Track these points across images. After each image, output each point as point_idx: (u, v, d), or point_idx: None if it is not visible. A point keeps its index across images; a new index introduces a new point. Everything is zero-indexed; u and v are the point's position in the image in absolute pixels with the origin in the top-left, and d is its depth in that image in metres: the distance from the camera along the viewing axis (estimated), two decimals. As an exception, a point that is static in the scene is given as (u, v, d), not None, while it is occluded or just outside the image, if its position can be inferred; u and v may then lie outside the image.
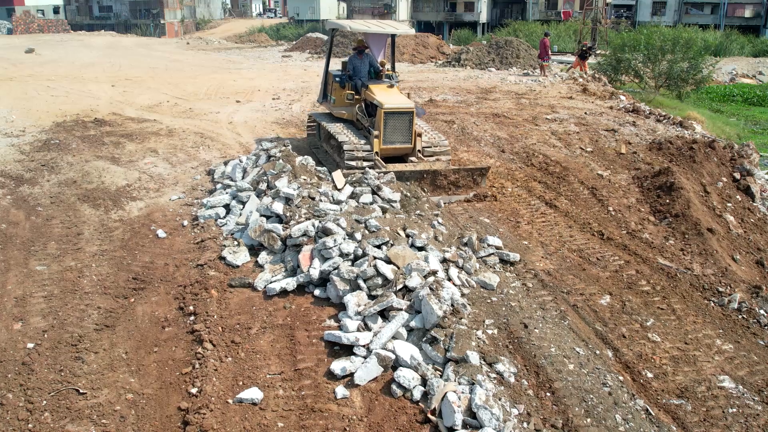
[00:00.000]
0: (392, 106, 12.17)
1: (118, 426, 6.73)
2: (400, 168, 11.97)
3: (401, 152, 12.68)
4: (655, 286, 9.78)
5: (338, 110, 13.54)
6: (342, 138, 12.41)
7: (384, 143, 12.36)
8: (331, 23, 14.71)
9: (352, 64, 13.51)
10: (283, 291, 8.78)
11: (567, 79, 27.76)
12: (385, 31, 13.34)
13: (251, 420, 6.72)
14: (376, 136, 12.25)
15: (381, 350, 7.31)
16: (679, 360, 8.11)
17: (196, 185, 12.76)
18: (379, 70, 13.70)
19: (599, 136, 16.64)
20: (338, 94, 13.63)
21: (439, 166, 12.40)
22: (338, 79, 13.63)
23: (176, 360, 7.76)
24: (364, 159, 12.16)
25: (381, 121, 12.17)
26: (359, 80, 13.25)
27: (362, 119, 12.86)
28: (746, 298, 9.76)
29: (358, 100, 13.16)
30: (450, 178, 12.17)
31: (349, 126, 13.18)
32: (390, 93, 12.69)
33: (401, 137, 12.44)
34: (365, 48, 13.63)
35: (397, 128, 12.32)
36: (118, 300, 8.91)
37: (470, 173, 12.41)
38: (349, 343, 7.53)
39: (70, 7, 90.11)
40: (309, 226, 9.37)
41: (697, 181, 13.34)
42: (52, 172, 13.11)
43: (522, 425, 6.58)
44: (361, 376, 7.13)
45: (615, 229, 11.59)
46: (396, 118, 12.23)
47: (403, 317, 7.75)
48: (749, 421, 7.18)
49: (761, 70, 44.62)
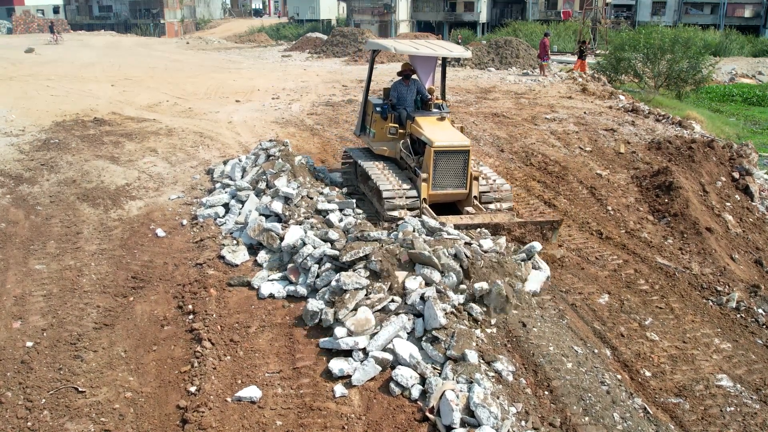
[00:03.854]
0: (444, 145, 10.32)
1: (116, 424, 6.74)
2: (454, 221, 9.83)
3: (453, 198, 10.84)
4: (654, 285, 9.81)
5: (378, 146, 11.59)
6: (381, 182, 10.62)
7: (433, 188, 10.46)
8: (372, 44, 12.50)
9: (396, 92, 11.68)
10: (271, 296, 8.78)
11: (566, 79, 27.79)
12: (437, 54, 11.46)
13: (250, 418, 6.73)
14: (424, 179, 10.36)
15: (378, 353, 7.30)
16: (677, 359, 8.14)
17: (196, 184, 12.77)
18: (428, 99, 11.80)
19: (598, 135, 16.67)
20: (379, 127, 11.71)
21: (502, 218, 10.18)
22: (379, 109, 11.71)
23: (175, 358, 7.77)
24: (409, 207, 10.36)
25: (430, 162, 10.32)
26: (404, 110, 11.46)
27: (407, 158, 11.05)
28: (744, 297, 9.79)
29: (402, 135, 11.36)
30: (514, 233, 10.07)
31: (392, 165, 11.32)
32: (441, 128, 10.83)
33: (454, 181, 10.55)
34: (412, 72, 11.77)
35: (449, 171, 10.46)
36: (117, 299, 8.92)
37: (539, 227, 10.29)
38: (347, 348, 7.47)
39: (70, 6, 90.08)
40: (298, 240, 9.25)
41: (695, 180, 13.36)
42: (52, 171, 13.13)
43: (520, 423, 6.60)
44: (358, 378, 7.12)
45: (614, 229, 11.61)
46: (448, 159, 10.38)
47: (402, 321, 7.65)
48: (747, 419, 7.20)
49: (761, 70, 44.60)
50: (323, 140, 16.22)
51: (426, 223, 9.10)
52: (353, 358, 7.39)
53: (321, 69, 32.43)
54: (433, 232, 8.99)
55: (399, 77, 11.76)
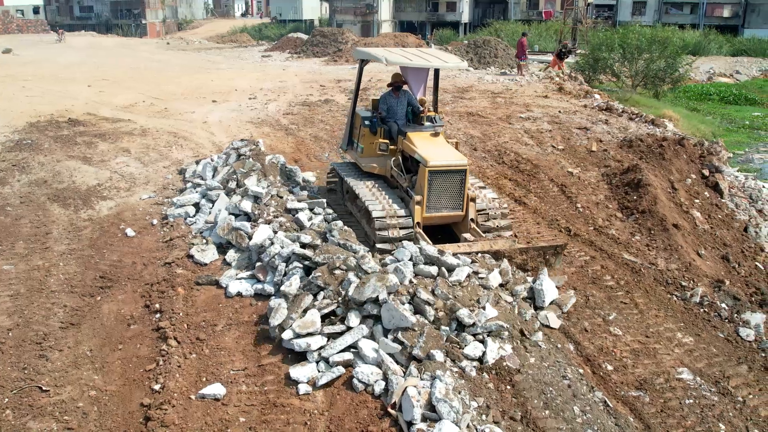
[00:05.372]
0: (439, 164, 9.57)
1: (80, 422, 6.76)
2: (451, 249, 8.91)
3: (449, 221, 10.14)
4: (619, 281, 9.93)
5: (367, 163, 10.84)
6: (371, 204, 9.85)
7: (428, 210, 9.72)
8: (361, 53, 11.31)
9: (385, 104, 10.93)
10: (239, 294, 8.82)
11: (544, 78, 27.95)
12: (431, 65, 10.64)
13: (213, 415, 6.77)
14: (418, 202, 9.63)
15: (337, 357, 7.31)
16: (639, 353, 8.26)
17: (167, 184, 12.76)
18: (420, 111, 11.00)
19: (571, 134, 16.81)
20: (368, 142, 10.91)
21: (502, 245, 9.40)
22: (368, 122, 10.94)
23: (141, 357, 7.79)
24: (401, 228, 9.62)
25: (424, 183, 9.55)
26: (395, 124, 10.75)
27: (398, 177, 10.32)
28: (709, 292, 9.92)
29: (394, 152, 10.61)
30: (516, 260, 9.31)
31: (381, 183, 10.61)
32: (435, 145, 10.09)
33: (450, 203, 9.82)
34: (403, 83, 11.04)
35: (444, 192, 9.73)
36: (85, 298, 8.93)
37: (541, 252, 9.55)
38: (301, 350, 7.41)
39: (51, 7, 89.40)
40: (266, 239, 9.30)
41: (665, 177, 13.50)
42: (23, 172, 13.07)
43: (481, 417, 6.68)
44: (321, 382, 7.14)
45: (582, 226, 11.73)
46: (444, 179, 9.64)
47: (362, 331, 7.54)
48: (705, 411, 7.34)
49: (738, 69, 45.19)
50: (297, 140, 16.24)
51: (424, 250, 8.36)
52: (308, 359, 7.39)
53: (300, 69, 32.42)
54: (432, 262, 8.29)
55: (389, 88, 11.04)
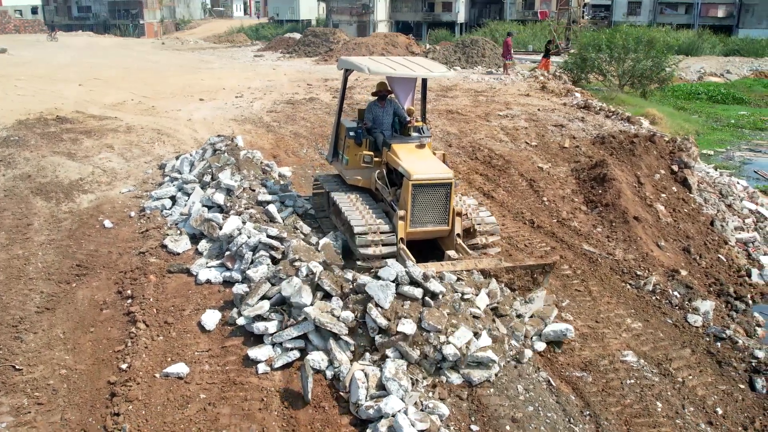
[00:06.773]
0: (423, 178, 9.19)
1: (49, 398, 7.19)
2: (435, 267, 8.55)
3: (434, 236, 9.78)
4: (576, 270, 10.34)
5: (352, 175, 10.39)
6: (354, 218, 9.45)
7: (412, 225, 9.35)
8: (344, 62, 10.80)
9: (371, 114, 10.52)
10: (207, 281, 9.21)
11: (528, 78, 28.34)
12: (416, 74, 10.11)
13: (175, 392, 7.19)
14: (402, 216, 9.24)
15: (290, 343, 7.72)
16: (587, 337, 8.66)
17: (147, 179, 13.14)
18: (407, 121, 10.50)
19: (546, 131, 17.21)
20: (352, 154, 10.47)
21: (488, 263, 9.04)
22: (353, 133, 10.49)
23: (111, 339, 8.21)
24: (383, 244, 9.21)
25: (408, 197, 9.19)
26: (381, 134, 10.35)
27: (383, 190, 9.90)
28: (662, 281, 10.34)
29: (378, 164, 10.16)
30: (502, 279, 8.94)
31: (366, 197, 10.19)
32: (420, 157, 9.75)
33: (434, 217, 9.46)
34: (388, 93, 10.65)
35: (429, 206, 9.37)
36: (61, 285, 9.35)
37: (529, 271, 9.18)
38: (259, 333, 7.86)
39: (49, 7, 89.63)
40: (235, 230, 9.72)
41: (631, 173, 13.91)
42: (9, 167, 13.45)
43: (427, 395, 7.11)
44: (278, 364, 7.56)
45: (546, 218, 12.14)
46: (428, 193, 9.28)
47: (308, 326, 7.74)
48: (644, 390, 7.74)
49: (729, 69, 45.49)
50: (278, 137, 16.62)
51: (410, 273, 7.95)
52: (264, 342, 7.80)
53: (290, 69, 32.75)
54: (417, 285, 7.89)
55: (374, 98, 10.67)
